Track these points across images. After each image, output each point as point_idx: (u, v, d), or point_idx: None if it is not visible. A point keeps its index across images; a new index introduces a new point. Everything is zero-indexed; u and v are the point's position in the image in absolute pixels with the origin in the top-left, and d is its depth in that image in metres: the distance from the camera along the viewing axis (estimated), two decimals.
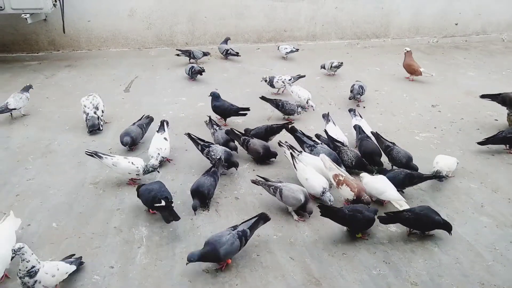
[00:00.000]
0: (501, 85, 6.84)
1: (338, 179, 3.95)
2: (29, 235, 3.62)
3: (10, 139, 5.27)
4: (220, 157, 4.32)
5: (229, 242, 3.19)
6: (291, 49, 8.14)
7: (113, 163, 4.25)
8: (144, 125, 5.15)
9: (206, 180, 3.97)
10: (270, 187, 3.93)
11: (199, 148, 4.62)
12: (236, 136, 4.85)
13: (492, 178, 4.45)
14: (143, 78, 7.45)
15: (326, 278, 3.21)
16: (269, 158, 4.72)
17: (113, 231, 3.69)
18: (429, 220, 3.53)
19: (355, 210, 3.54)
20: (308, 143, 4.65)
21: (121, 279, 3.20)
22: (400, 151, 4.44)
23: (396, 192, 3.87)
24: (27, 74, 7.55)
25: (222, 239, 3.19)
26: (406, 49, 7.30)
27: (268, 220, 3.53)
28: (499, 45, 9.63)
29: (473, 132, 5.43)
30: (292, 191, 3.80)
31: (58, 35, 8.41)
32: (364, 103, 6.31)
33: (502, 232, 3.68)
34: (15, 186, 4.32)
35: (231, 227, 3.35)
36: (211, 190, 3.95)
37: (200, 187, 3.90)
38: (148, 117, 5.31)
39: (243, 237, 3.27)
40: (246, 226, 3.37)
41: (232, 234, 3.25)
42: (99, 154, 4.30)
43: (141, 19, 8.69)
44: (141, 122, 5.18)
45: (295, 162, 4.15)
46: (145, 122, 5.20)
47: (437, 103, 6.35)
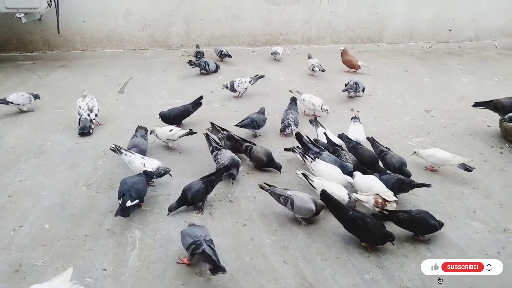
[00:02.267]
0: (494, 91, 6.90)
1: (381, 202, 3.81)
2: (21, 237, 3.58)
3: (2, 139, 5.23)
4: (226, 165, 4.24)
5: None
6: (319, 68, 7.66)
7: (128, 161, 4.29)
8: (145, 135, 4.93)
9: (197, 185, 3.91)
10: (280, 197, 3.82)
11: (210, 149, 4.58)
12: (237, 143, 4.78)
13: (484, 184, 4.48)
14: (137, 79, 7.43)
15: (319, 282, 3.21)
16: (272, 167, 4.61)
17: (106, 233, 3.66)
18: (424, 223, 3.55)
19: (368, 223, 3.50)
20: (313, 149, 4.57)
21: (113, 281, 3.17)
22: (394, 156, 4.46)
23: (385, 187, 3.92)
24: (21, 74, 7.50)
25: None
26: (341, 49, 8.04)
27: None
28: (492, 51, 9.73)
29: (466, 138, 5.47)
30: (303, 201, 3.73)
31: (52, 35, 8.38)
32: (357, 107, 6.34)
33: (493, 237, 3.71)
34: (7, 186, 4.29)
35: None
36: (197, 196, 3.87)
37: (186, 190, 3.89)
38: (142, 127, 5.04)
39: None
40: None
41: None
42: (121, 149, 4.34)
43: (136, 20, 8.68)
44: (140, 133, 4.91)
45: (311, 181, 4.04)
46: (144, 133, 4.96)
47: (431, 108, 6.39)
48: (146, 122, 5.29)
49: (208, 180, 3.99)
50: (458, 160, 4.56)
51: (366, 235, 3.50)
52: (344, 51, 7.99)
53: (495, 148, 5.24)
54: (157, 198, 4.11)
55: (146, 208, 3.98)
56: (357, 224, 3.49)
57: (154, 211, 3.95)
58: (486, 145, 5.29)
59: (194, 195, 3.87)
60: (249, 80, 6.56)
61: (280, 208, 3.96)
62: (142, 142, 4.77)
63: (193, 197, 3.87)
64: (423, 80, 7.75)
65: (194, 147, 5.05)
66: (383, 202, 3.75)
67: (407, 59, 9.02)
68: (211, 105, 6.36)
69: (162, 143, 5.09)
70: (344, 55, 7.97)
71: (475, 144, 5.31)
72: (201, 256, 3.15)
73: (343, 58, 7.98)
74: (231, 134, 4.89)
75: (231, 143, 4.78)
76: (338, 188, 3.96)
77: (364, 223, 3.46)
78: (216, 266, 3.08)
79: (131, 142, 4.74)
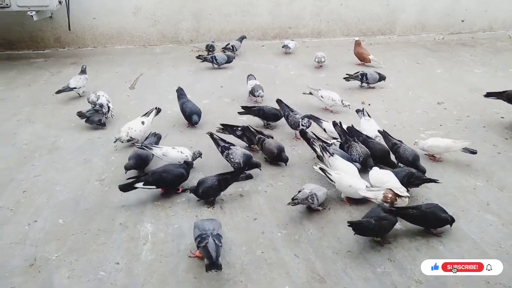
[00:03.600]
0: (508, 82, 6.78)
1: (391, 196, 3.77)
2: (36, 231, 3.64)
3: (16, 136, 5.31)
4: (241, 164, 4.24)
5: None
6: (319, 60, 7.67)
7: (163, 153, 4.37)
8: (153, 143, 4.65)
9: (210, 181, 3.92)
10: (219, 147, 4.44)
11: (219, 149, 4.51)
12: (251, 134, 4.79)
13: (498, 176, 4.42)
14: (148, 75, 7.46)
15: (331, 276, 3.21)
16: (281, 161, 4.58)
17: (118, 227, 3.71)
18: (434, 218, 3.52)
19: (381, 218, 3.46)
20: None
21: (126, 275, 3.21)
22: (407, 149, 4.39)
23: (399, 183, 3.87)
24: (33, 71, 7.59)
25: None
26: (355, 39, 7.95)
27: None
28: (506, 42, 9.55)
29: (479, 130, 5.39)
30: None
31: (63, 32, 8.45)
32: (368, 100, 6.28)
33: (507, 230, 3.66)
34: (22, 182, 4.36)
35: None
36: (208, 191, 3.90)
37: (200, 183, 3.94)
38: (155, 134, 4.91)
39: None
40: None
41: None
42: (149, 146, 4.40)
43: (146, 16, 8.71)
44: (150, 140, 4.73)
45: (329, 175, 4.04)
46: (153, 141, 4.74)
47: (443, 101, 6.31)
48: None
49: (223, 178, 3.98)
50: (460, 145, 4.54)
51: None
52: (357, 42, 7.89)
53: (509, 140, 5.15)
54: (168, 193, 4.14)
55: (158, 202, 4.02)
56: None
57: (165, 205, 3.98)
58: (500, 137, 5.21)
59: (206, 190, 3.90)
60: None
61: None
62: (145, 152, 4.41)
63: (204, 191, 3.90)
64: (435, 72, 7.65)
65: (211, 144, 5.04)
66: (394, 197, 3.71)
67: (418, 51, 8.90)
68: (222, 100, 6.36)
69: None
70: (357, 47, 7.89)
71: (488, 136, 5.23)
72: (202, 250, 3.16)
73: (355, 50, 7.90)
74: (247, 126, 4.88)
75: (247, 134, 4.79)
76: (357, 181, 3.95)
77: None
78: (212, 263, 3.04)
79: (132, 152, 4.46)
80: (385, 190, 3.77)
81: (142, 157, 4.40)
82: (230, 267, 3.27)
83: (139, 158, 4.38)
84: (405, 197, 3.74)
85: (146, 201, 4.01)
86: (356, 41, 7.89)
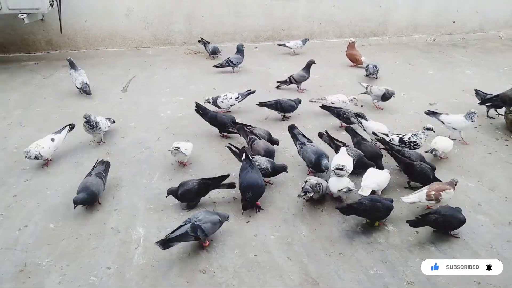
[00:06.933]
0: (499, 83, 6.84)
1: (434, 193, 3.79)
2: (26, 236, 3.62)
3: (7, 140, 5.26)
4: (268, 169, 4.21)
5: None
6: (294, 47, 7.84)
7: (185, 148, 4.54)
8: (102, 173, 4.16)
9: (191, 184, 3.92)
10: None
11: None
12: (244, 133, 4.81)
13: (489, 177, 4.45)
14: (140, 77, 7.43)
15: (323, 278, 3.21)
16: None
17: (110, 231, 3.68)
18: (456, 220, 3.56)
19: (374, 200, 3.65)
20: (301, 140, 4.59)
21: (118, 280, 3.20)
22: (412, 152, 4.49)
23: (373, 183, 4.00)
24: (25, 74, 7.53)
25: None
26: (351, 40, 7.96)
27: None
28: (496, 42, 9.62)
29: (471, 130, 5.42)
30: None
31: (55, 35, 8.38)
32: (361, 101, 6.30)
33: (498, 230, 3.68)
34: (12, 186, 4.32)
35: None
36: (186, 194, 3.92)
37: (180, 185, 3.95)
38: (103, 162, 4.36)
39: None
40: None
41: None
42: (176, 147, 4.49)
43: (138, 18, 8.67)
44: (98, 169, 4.20)
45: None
46: (102, 169, 4.22)
47: (435, 101, 6.35)
48: (150, 120, 5.30)
49: (204, 183, 3.98)
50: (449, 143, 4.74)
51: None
52: (351, 43, 7.88)
53: (500, 140, 5.20)
54: (160, 196, 4.12)
55: (150, 206, 4.00)
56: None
57: (158, 209, 3.97)
58: (491, 138, 5.25)
59: (184, 193, 3.91)
60: (236, 96, 5.79)
61: (283, 204, 3.99)
62: (94, 182, 3.98)
63: (182, 194, 3.91)
64: (427, 72, 7.69)
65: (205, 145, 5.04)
66: (438, 193, 3.73)
67: (410, 52, 8.95)
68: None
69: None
70: (350, 48, 7.89)
71: (479, 137, 5.27)
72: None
73: (348, 51, 7.91)
74: (241, 125, 4.90)
75: (240, 132, 4.83)
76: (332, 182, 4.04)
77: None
78: (162, 239, 3.29)
79: (82, 183, 3.98)
80: (427, 189, 3.79)
81: (93, 190, 3.90)
82: (223, 271, 3.26)
83: (91, 192, 3.88)
84: (449, 189, 3.80)
85: (138, 205, 3.99)
86: (350, 43, 7.91)
